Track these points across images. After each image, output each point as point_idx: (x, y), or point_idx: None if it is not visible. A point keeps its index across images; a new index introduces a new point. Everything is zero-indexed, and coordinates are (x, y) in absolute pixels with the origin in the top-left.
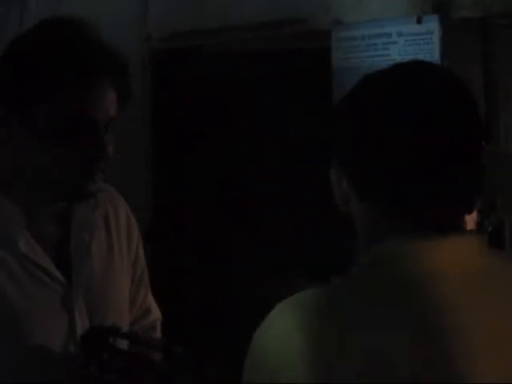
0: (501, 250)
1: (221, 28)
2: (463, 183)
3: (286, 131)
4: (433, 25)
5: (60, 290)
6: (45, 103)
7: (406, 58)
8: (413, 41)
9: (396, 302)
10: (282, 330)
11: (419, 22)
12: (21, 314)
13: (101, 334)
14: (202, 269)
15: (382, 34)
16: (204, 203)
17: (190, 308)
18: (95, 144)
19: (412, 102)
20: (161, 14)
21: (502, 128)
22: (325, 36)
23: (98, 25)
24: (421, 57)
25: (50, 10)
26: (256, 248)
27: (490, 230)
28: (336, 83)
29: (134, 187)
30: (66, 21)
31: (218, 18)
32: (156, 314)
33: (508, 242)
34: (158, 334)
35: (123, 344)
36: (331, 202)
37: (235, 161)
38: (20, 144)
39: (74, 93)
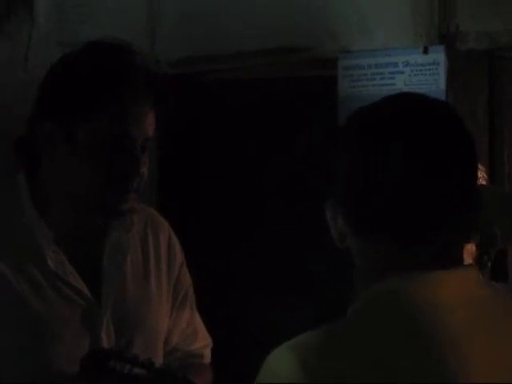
0: (503, 283)
1: (227, 54)
2: (462, 218)
3: (291, 159)
4: (439, 55)
5: (87, 308)
6: (86, 121)
7: (412, 88)
8: (419, 71)
9: (399, 337)
10: (289, 374)
11: (426, 52)
12: (46, 329)
13: (101, 357)
14: (201, 290)
15: (389, 64)
16: (206, 224)
17: None
18: (131, 163)
19: (410, 138)
20: (168, 39)
21: (507, 161)
22: (332, 64)
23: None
24: (426, 87)
25: (59, 32)
26: (257, 268)
27: (489, 264)
28: (342, 112)
29: None
30: (110, 44)
31: (225, 44)
32: (204, 340)
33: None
34: (207, 360)
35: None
36: None
37: (239, 187)
38: (61, 160)
39: (114, 112)
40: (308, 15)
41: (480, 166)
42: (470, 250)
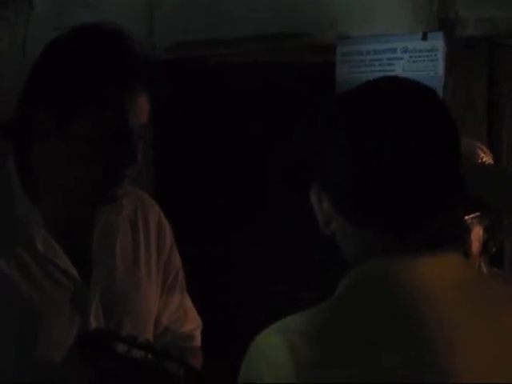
0: (500, 269)
1: (227, 39)
2: (448, 201)
3: (290, 144)
4: (438, 42)
5: (77, 291)
6: (82, 108)
7: (410, 75)
8: (417, 57)
9: (385, 320)
10: (276, 355)
11: (425, 38)
12: (35, 312)
13: (98, 338)
14: (200, 277)
15: (387, 50)
16: (208, 210)
17: None
18: (127, 151)
19: (405, 122)
20: (167, 23)
21: (506, 148)
22: (332, 50)
23: None
24: (425, 73)
25: (57, 17)
26: (259, 255)
27: (493, 250)
28: None
29: None
30: (105, 28)
31: (225, 29)
32: (194, 322)
33: (508, 265)
34: (197, 343)
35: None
36: None
37: (239, 173)
38: (54, 146)
39: (110, 100)
40: (309, 1)
41: (486, 150)
42: (477, 232)
